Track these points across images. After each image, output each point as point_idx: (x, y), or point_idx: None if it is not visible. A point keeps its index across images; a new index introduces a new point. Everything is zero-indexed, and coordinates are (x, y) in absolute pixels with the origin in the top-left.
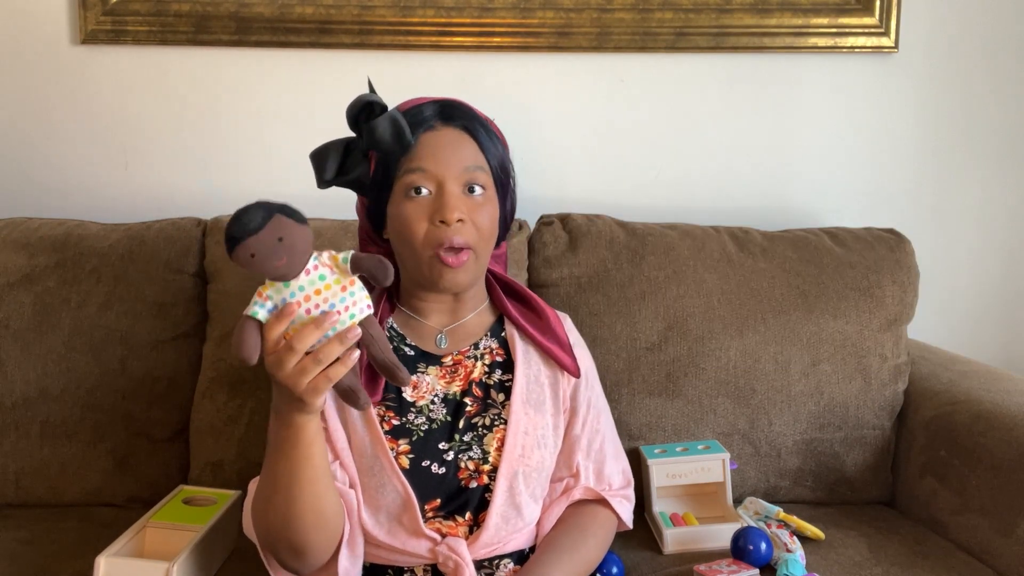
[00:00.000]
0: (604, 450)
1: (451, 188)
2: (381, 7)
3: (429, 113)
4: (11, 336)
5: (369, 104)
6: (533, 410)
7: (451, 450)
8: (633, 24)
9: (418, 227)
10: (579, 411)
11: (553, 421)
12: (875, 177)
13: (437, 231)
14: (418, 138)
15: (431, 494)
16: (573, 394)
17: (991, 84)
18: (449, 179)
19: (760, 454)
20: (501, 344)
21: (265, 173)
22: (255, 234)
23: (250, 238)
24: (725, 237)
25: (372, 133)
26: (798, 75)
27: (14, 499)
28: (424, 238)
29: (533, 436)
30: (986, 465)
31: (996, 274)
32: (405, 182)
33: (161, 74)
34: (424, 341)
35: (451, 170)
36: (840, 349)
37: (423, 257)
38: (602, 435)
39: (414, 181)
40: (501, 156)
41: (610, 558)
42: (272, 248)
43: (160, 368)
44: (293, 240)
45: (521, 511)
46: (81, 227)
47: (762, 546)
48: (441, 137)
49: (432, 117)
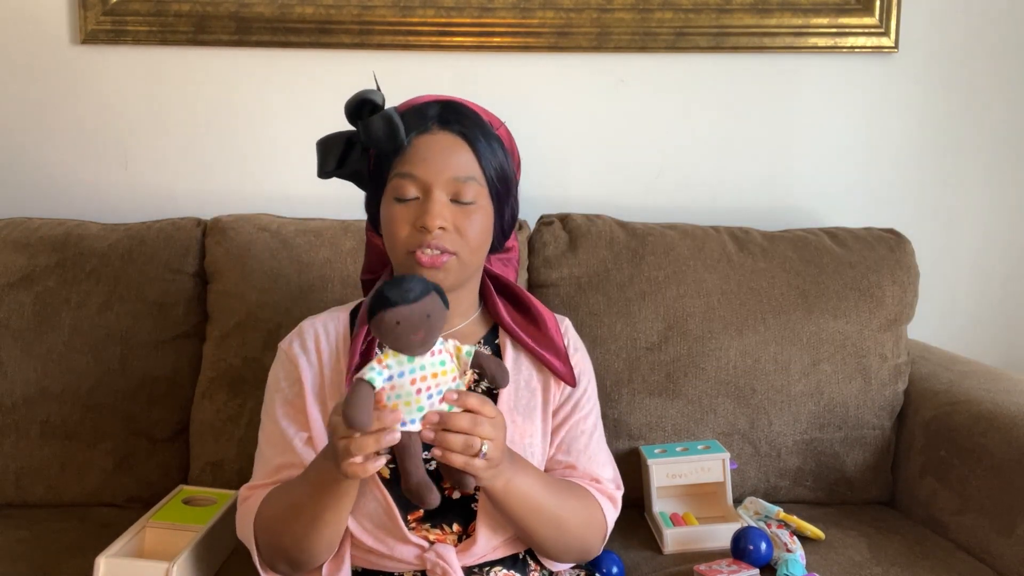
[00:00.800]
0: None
1: (437, 195)
2: (381, 7)
3: (428, 114)
4: (11, 336)
5: (368, 100)
6: (522, 418)
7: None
8: (633, 24)
9: (400, 229)
10: (580, 408)
11: (543, 428)
12: (875, 177)
13: (418, 235)
14: (411, 140)
15: (413, 505)
16: (570, 392)
17: (991, 84)
18: (437, 186)
19: (760, 454)
20: (494, 352)
21: (265, 173)
22: (410, 304)
23: (404, 307)
24: (725, 237)
25: (367, 130)
26: (798, 75)
27: (14, 499)
28: (404, 240)
29: (519, 445)
30: (986, 465)
31: (996, 274)
32: (394, 184)
33: (161, 74)
34: None
35: (440, 177)
36: (840, 349)
37: (401, 255)
38: (590, 435)
39: (402, 185)
40: (500, 164)
41: (610, 558)
42: (419, 322)
43: (160, 368)
44: (436, 320)
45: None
46: (81, 227)
47: (762, 546)
48: (435, 142)
49: (430, 119)
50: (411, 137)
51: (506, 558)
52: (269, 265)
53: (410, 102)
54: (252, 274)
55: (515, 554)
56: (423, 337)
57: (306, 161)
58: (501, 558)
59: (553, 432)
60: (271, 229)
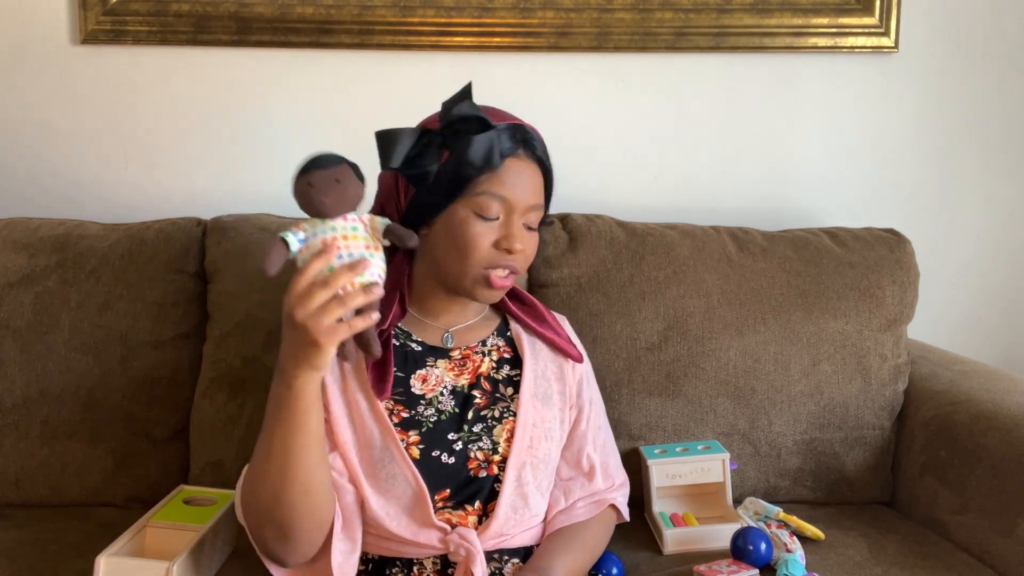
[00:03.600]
0: (607, 445)
1: (520, 220)
2: (381, 7)
3: (516, 137)
4: (11, 336)
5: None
6: (541, 403)
7: (460, 440)
8: (633, 24)
9: (482, 244)
10: (584, 408)
11: (560, 415)
12: (875, 177)
13: (498, 255)
14: (503, 162)
15: (441, 484)
16: (578, 391)
17: (991, 84)
18: (519, 211)
19: (760, 454)
20: (508, 343)
21: (265, 173)
22: (321, 169)
23: (316, 171)
24: (725, 237)
25: (467, 147)
26: (798, 75)
27: (14, 499)
28: (483, 256)
29: (541, 428)
30: (986, 465)
31: (996, 274)
32: (481, 202)
33: (161, 74)
34: (430, 339)
35: (524, 204)
36: (840, 349)
37: (474, 272)
38: (604, 430)
39: (489, 205)
40: (551, 194)
41: (610, 558)
42: (327, 185)
43: (160, 368)
44: (346, 187)
45: (528, 501)
46: (81, 227)
47: (762, 546)
48: (524, 169)
49: (518, 143)
50: (503, 159)
51: (519, 549)
52: None
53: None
54: (252, 274)
55: (529, 547)
56: (332, 201)
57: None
58: (516, 547)
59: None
60: (271, 229)
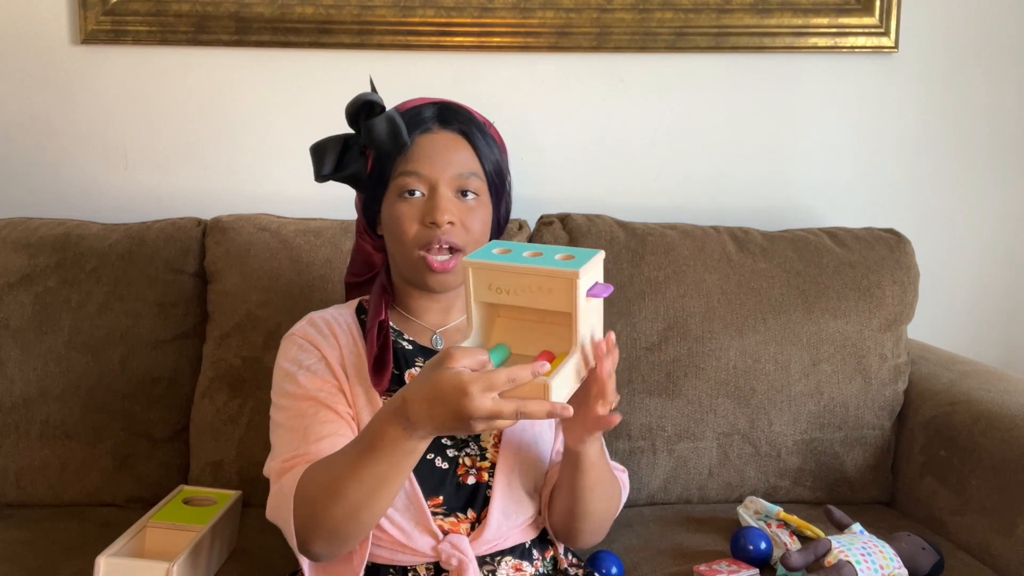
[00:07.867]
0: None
1: (443, 191)
2: (381, 7)
3: (427, 115)
4: (11, 336)
5: (368, 103)
6: None
7: (453, 447)
8: (633, 24)
9: (409, 226)
10: None
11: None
12: (875, 177)
13: (427, 232)
14: (414, 139)
15: (433, 490)
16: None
17: (991, 84)
18: (442, 182)
19: (760, 454)
20: None
21: (265, 173)
22: None
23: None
24: (725, 237)
25: (370, 132)
26: (798, 75)
27: (14, 499)
28: (414, 237)
29: (530, 432)
30: (986, 465)
31: (996, 274)
32: (399, 183)
33: (161, 74)
34: (421, 339)
35: (445, 174)
36: (840, 349)
37: (412, 256)
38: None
39: (408, 183)
40: (497, 160)
41: (610, 558)
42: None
43: (160, 368)
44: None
45: (520, 505)
46: (81, 227)
47: (762, 546)
48: (437, 140)
49: (430, 119)
50: (413, 137)
51: (515, 547)
52: (269, 265)
53: (405, 105)
54: (252, 274)
55: (522, 544)
56: None
57: (306, 161)
58: (511, 547)
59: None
60: (271, 229)
